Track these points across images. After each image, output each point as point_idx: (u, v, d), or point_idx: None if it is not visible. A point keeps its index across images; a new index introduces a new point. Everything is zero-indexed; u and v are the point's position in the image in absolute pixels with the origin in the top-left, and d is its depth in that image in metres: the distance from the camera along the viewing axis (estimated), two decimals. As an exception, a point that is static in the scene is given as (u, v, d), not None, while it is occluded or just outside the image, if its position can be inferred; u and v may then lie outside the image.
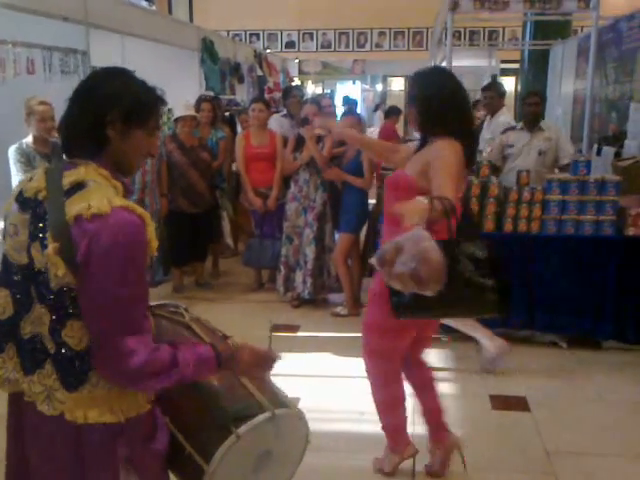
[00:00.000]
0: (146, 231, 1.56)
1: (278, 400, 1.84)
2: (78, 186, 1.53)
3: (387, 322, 2.54)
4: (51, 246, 1.49)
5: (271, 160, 5.58)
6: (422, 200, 2.12)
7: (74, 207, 1.49)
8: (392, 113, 10.86)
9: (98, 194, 1.51)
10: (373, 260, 2.09)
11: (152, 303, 1.89)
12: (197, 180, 5.68)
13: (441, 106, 2.51)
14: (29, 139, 4.37)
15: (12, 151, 4.32)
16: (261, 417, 1.74)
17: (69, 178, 1.55)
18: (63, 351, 1.54)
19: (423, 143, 2.64)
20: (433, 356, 4.36)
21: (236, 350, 1.71)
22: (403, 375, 2.97)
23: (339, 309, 5.23)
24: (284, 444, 1.90)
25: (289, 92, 6.87)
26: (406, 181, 2.54)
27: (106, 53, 6.04)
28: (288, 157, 5.37)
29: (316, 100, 5.66)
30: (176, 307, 2.05)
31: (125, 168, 1.67)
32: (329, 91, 13.36)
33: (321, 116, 5.08)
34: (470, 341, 4.53)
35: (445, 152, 2.45)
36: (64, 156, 1.67)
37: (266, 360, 1.78)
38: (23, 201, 1.61)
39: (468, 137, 2.58)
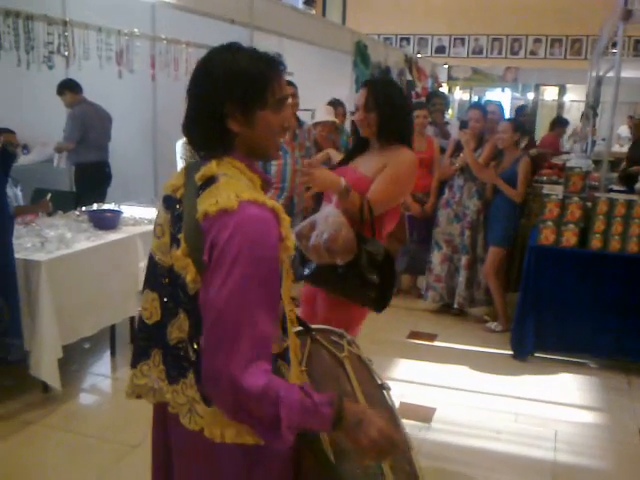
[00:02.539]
0: (279, 227, 1.37)
1: None
2: (209, 181, 1.39)
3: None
4: (181, 247, 1.36)
5: (428, 166, 5.42)
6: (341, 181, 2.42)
7: (203, 204, 1.34)
8: (558, 124, 9.49)
9: (227, 188, 1.35)
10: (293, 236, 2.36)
11: (315, 326, 1.84)
12: None
13: (401, 115, 2.68)
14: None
15: (179, 146, 4.61)
16: None
17: (201, 173, 1.41)
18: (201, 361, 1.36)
19: (361, 146, 2.74)
20: (580, 382, 4.17)
21: (365, 420, 1.35)
22: None
23: (493, 325, 5.01)
24: None
25: (430, 99, 6.77)
26: (367, 184, 2.56)
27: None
28: (445, 162, 5.29)
29: (481, 105, 5.53)
30: (341, 337, 1.85)
31: (262, 153, 1.51)
32: (490, 99, 12.91)
33: (484, 122, 4.99)
34: (621, 371, 4.29)
35: (404, 165, 2.60)
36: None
37: (391, 447, 1.38)
38: (166, 199, 1.50)
39: (410, 145, 2.72)
